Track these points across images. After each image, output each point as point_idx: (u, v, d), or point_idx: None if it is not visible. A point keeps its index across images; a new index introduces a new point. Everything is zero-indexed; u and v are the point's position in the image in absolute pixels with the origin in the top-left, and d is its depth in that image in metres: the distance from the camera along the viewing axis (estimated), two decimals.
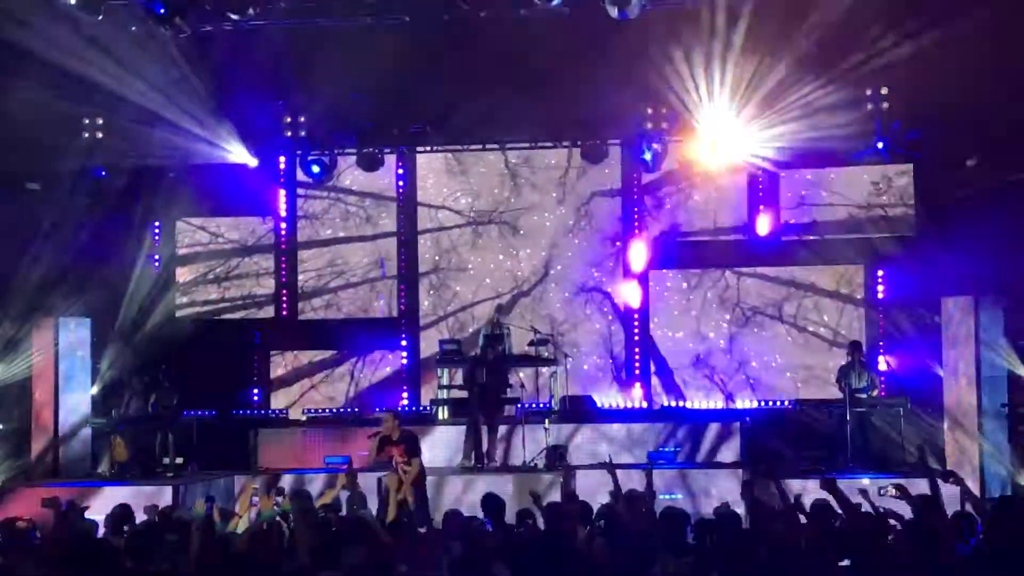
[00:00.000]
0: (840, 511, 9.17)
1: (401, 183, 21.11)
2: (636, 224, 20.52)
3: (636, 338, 20.36)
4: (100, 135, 18.94)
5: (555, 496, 13.62)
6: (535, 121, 19.68)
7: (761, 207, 20.00)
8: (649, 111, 19.02)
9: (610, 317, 20.62)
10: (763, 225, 19.86)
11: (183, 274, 21.37)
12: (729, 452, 17.49)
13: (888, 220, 19.65)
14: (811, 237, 19.93)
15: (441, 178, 21.20)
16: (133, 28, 15.82)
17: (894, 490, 9.32)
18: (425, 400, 20.16)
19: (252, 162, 20.06)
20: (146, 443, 17.39)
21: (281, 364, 21.10)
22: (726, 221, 20.32)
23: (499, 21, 16.46)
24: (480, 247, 21.10)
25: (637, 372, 20.23)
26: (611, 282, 20.68)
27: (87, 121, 18.75)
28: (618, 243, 20.63)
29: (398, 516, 11.96)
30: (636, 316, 20.41)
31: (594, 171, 20.55)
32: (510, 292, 20.85)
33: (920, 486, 9.65)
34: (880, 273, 19.52)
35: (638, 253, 20.34)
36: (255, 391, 20.74)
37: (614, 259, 20.70)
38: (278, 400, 20.86)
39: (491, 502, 10.41)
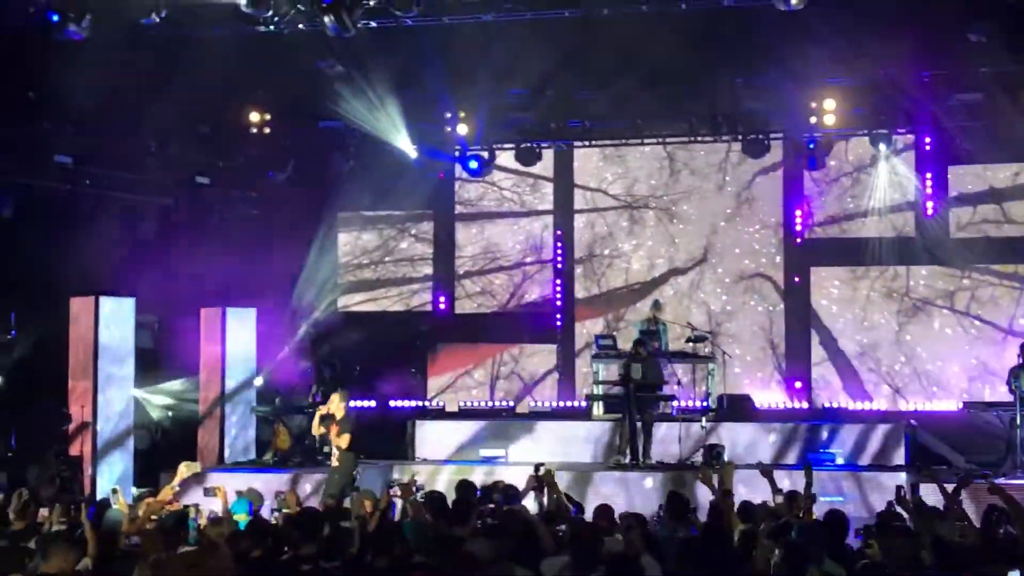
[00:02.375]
0: (1010, 519, 8.84)
1: (557, 177, 21.13)
2: (799, 213, 20.14)
3: (797, 329, 19.98)
4: (267, 130, 19.34)
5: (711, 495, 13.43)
6: (694, 115, 19.47)
7: (930, 203, 19.52)
8: (812, 105, 18.63)
9: (770, 307, 20.28)
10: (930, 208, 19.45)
11: (344, 266, 21.77)
12: (893, 454, 17.03)
13: None
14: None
15: (598, 163, 21.09)
16: (301, 26, 16.10)
17: None
18: (578, 395, 20.15)
19: (413, 154, 20.30)
20: (308, 432, 17.74)
21: (438, 356, 21.33)
22: (892, 215, 19.85)
23: (660, 16, 16.29)
24: (636, 234, 20.96)
25: (797, 364, 19.86)
26: (772, 270, 20.35)
27: (256, 117, 19.18)
28: (780, 231, 20.29)
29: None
30: (797, 307, 20.03)
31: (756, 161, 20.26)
32: (667, 280, 20.67)
33: None
34: None
35: (801, 242, 19.98)
36: (413, 383, 20.99)
37: (775, 247, 20.36)
38: (435, 392, 21.09)
39: (675, 501, 10.37)
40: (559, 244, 21.21)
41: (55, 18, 14.74)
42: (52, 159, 16.88)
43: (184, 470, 10.79)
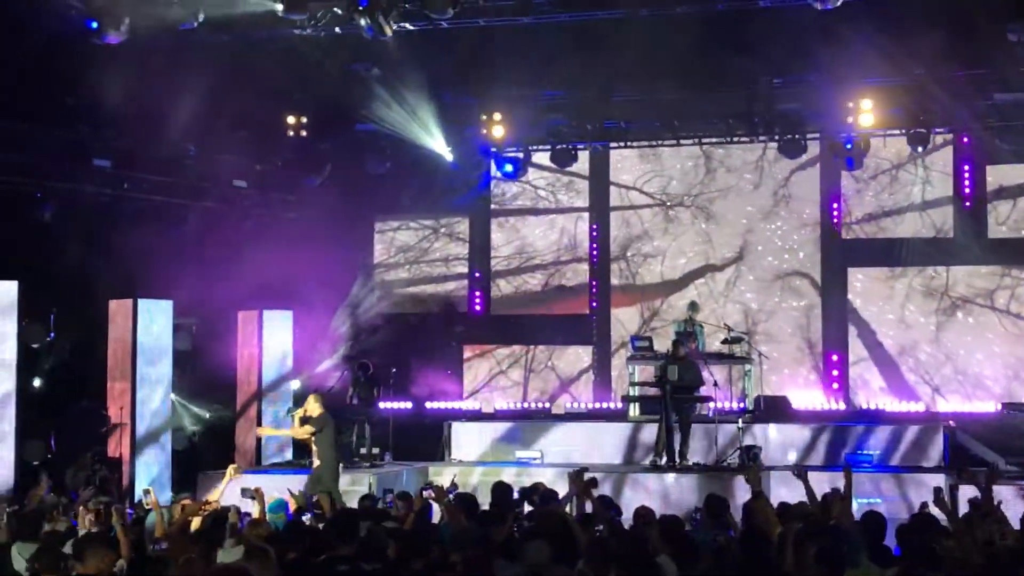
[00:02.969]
0: None
1: (592, 176, 21.10)
2: (836, 213, 20.03)
3: (834, 328, 19.87)
4: (304, 134, 19.41)
5: (747, 496, 13.39)
6: (731, 115, 19.40)
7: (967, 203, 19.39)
8: (850, 105, 18.52)
9: (808, 306, 20.17)
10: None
11: (381, 270, 21.84)
12: (931, 456, 16.91)
13: None
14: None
15: (633, 161, 21.03)
16: (337, 29, 16.18)
17: None
18: (614, 396, 20.12)
19: (448, 157, 20.34)
20: (345, 434, 17.80)
21: (474, 358, 21.36)
22: (931, 212, 19.72)
23: (696, 16, 16.26)
24: (671, 232, 20.91)
25: (835, 364, 19.75)
26: (809, 269, 20.24)
27: (292, 120, 19.25)
28: (817, 228, 20.18)
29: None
30: (835, 305, 19.92)
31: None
32: (702, 276, 20.61)
33: None
34: None
35: (838, 241, 19.87)
36: (449, 385, 21.02)
37: (813, 245, 20.25)
38: (470, 393, 21.12)
39: (714, 502, 10.36)
40: (594, 243, 21.16)
41: (93, 24, 14.86)
42: (91, 163, 17.02)
43: (232, 472, 10.85)
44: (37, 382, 16.03)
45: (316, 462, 14.74)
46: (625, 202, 21.15)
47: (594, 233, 21.18)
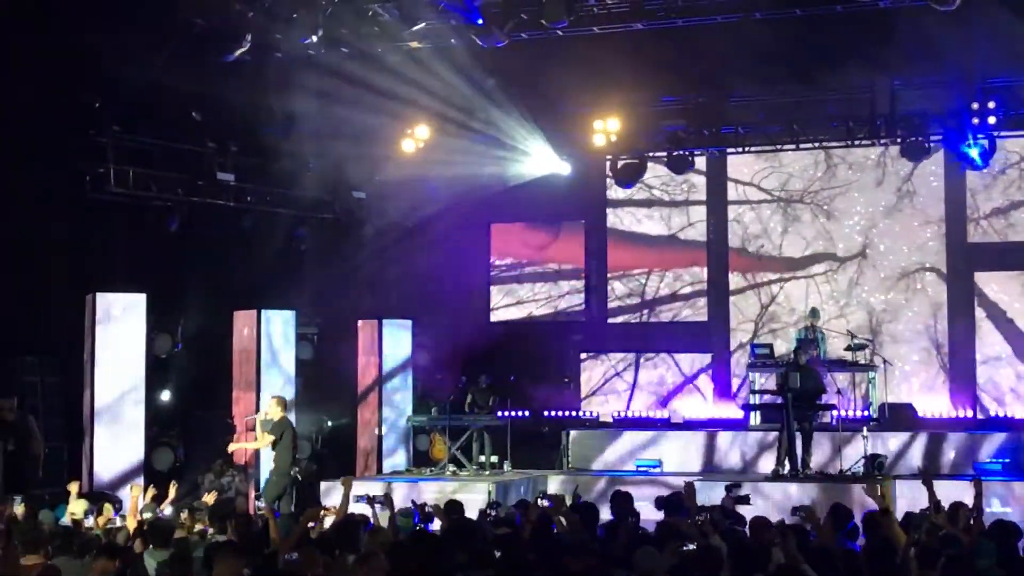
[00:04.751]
0: None
1: (710, 179, 20.91)
2: (962, 210, 19.56)
3: (962, 331, 19.39)
4: (422, 144, 19.58)
5: (871, 506, 13.15)
6: (851, 117, 19.07)
7: None
8: (975, 106, 18.07)
9: (934, 306, 19.71)
10: None
11: (497, 275, 21.94)
12: None
13: None
14: None
15: (750, 157, 20.72)
16: (452, 40, 16.32)
17: None
18: (735, 404, 19.89)
19: (564, 167, 20.36)
20: (463, 441, 17.90)
21: (591, 366, 21.32)
22: None
23: (816, 18, 16.07)
24: (791, 231, 20.61)
25: (961, 367, 19.27)
26: (935, 267, 19.79)
27: (409, 131, 19.44)
28: (943, 225, 19.72)
29: None
30: (962, 306, 19.45)
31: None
32: (823, 275, 20.26)
33: None
34: None
35: (965, 239, 19.43)
36: (566, 392, 21.00)
37: (938, 243, 19.80)
38: (589, 402, 21.08)
39: (839, 512, 10.21)
40: (711, 243, 20.93)
41: (217, 41, 15.22)
42: (215, 177, 17.41)
43: (346, 484, 10.97)
44: (165, 392, 16.41)
45: (271, 466, 14.90)
46: (741, 195, 20.85)
47: (711, 235, 20.96)
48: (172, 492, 12.66)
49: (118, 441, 15.62)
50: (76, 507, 11.04)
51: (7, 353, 15.79)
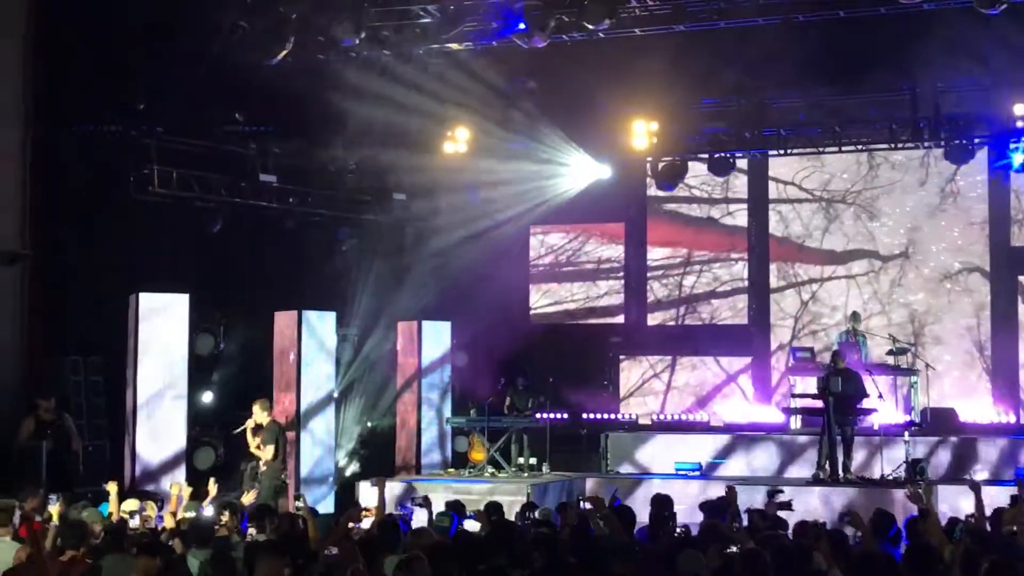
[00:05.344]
0: None
1: (752, 182, 20.81)
2: (1006, 210, 19.36)
3: (1005, 334, 19.20)
4: (464, 146, 19.60)
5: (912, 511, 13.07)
6: (895, 120, 18.93)
7: None
8: (1018, 109, 17.87)
9: (977, 307, 19.52)
10: None
11: (535, 276, 21.94)
12: None
13: None
14: None
15: (791, 159, 20.61)
16: (494, 42, 16.35)
17: None
18: (774, 407, 19.80)
19: (605, 174, 20.37)
20: (502, 443, 17.92)
21: (629, 366, 21.27)
22: None
23: (858, 20, 15.97)
24: (832, 230, 20.47)
25: (1005, 371, 19.08)
26: (979, 269, 19.60)
27: (449, 133, 19.47)
28: (986, 227, 19.52)
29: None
30: (1005, 309, 19.24)
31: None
32: (865, 276, 20.11)
33: None
34: None
35: (1009, 241, 19.24)
36: (605, 394, 20.97)
37: (982, 244, 19.62)
38: (628, 404, 21.03)
39: (881, 518, 10.17)
40: (752, 244, 20.84)
41: (261, 43, 15.33)
42: (257, 178, 17.52)
43: (379, 484, 11.01)
44: (207, 393, 16.52)
45: (261, 469, 14.89)
46: (782, 193, 20.74)
47: (752, 236, 20.87)
48: (213, 490, 12.74)
49: (159, 440, 15.72)
50: (126, 505, 11.14)
51: (51, 352, 15.95)
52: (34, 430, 14.58)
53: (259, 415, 15.22)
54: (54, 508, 10.68)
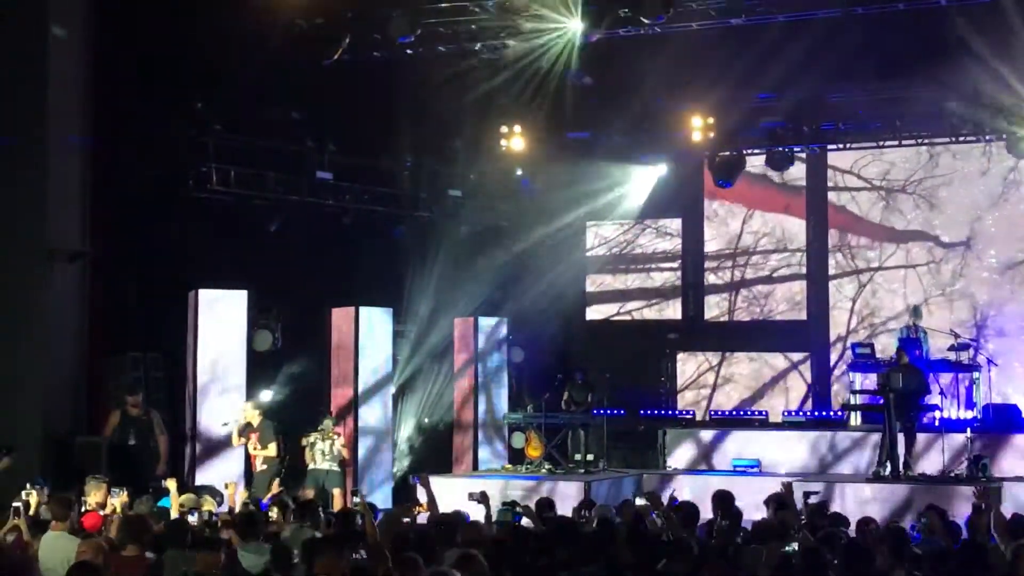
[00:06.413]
0: None
1: (810, 173, 20.60)
2: None
3: None
4: (518, 143, 19.56)
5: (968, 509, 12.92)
6: (956, 114, 18.65)
7: None
8: None
9: None
10: None
11: (592, 272, 21.89)
12: None
13: None
14: None
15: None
16: (547, 38, 16.32)
17: None
18: (833, 403, 19.61)
19: (661, 171, 20.29)
20: (559, 439, 17.91)
21: (685, 359, 21.16)
22: None
23: (917, 13, 15.78)
24: (892, 221, 20.20)
25: None
26: None
27: (505, 130, 19.46)
28: None
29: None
30: None
31: None
32: (926, 264, 19.83)
33: None
34: None
35: None
36: (663, 391, 20.88)
37: None
38: (685, 400, 20.93)
39: (935, 513, 10.10)
40: (810, 238, 20.63)
41: (317, 42, 15.41)
42: (314, 176, 17.61)
43: (424, 481, 11.03)
44: (266, 391, 16.63)
45: (261, 467, 14.93)
46: (840, 182, 20.50)
47: (810, 233, 20.65)
48: (274, 487, 12.83)
49: (218, 435, 15.84)
50: (185, 500, 11.25)
51: (112, 349, 16.12)
52: (119, 424, 14.79)
53: (250, 415, 15.27)
54: (117, 501, 10.80)
